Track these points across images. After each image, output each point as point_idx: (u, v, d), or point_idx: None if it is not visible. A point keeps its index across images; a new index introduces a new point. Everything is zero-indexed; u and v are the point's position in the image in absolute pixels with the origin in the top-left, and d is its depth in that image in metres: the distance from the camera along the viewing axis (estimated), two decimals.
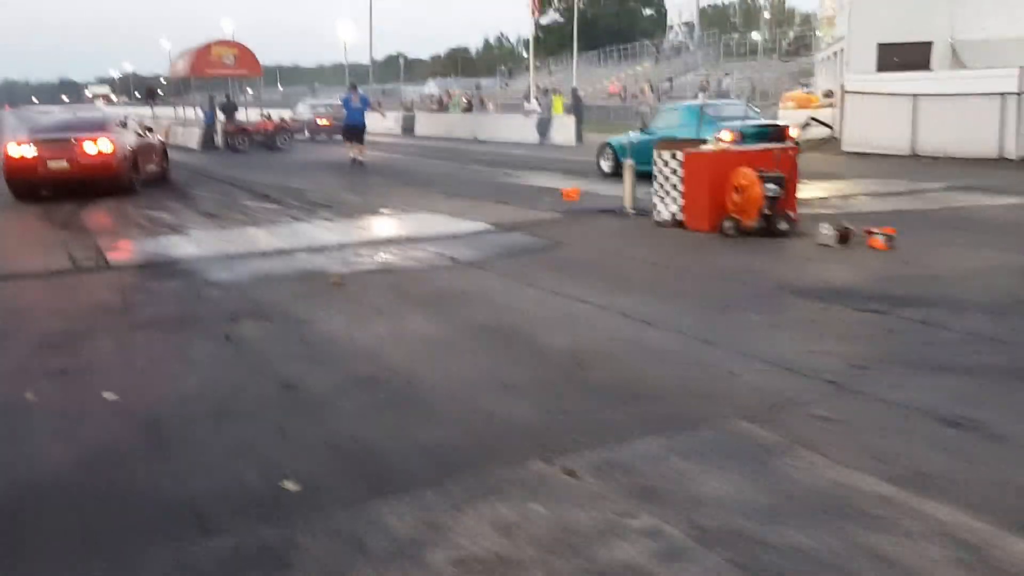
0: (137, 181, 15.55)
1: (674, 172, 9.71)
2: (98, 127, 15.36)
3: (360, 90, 24.82)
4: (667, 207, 9.85)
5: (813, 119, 8.83)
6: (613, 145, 16.27)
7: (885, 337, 5.51)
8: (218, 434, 4.24)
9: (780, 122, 14.93)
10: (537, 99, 34.47)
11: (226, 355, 5.49)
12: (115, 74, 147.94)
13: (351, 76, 44.00)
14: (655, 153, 9.95)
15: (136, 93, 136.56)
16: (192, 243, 9.86)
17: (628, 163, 10.80)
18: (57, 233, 11.07)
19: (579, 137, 29.71)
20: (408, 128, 41.67)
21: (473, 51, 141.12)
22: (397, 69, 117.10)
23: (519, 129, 32.59)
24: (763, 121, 13.81)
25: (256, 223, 11.32)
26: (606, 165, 16.42)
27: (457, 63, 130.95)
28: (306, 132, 35.07)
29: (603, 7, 77.00)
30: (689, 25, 66.59)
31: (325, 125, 35.44)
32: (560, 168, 18.83)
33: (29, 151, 14.50)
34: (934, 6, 21.90)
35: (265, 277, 7.87)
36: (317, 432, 4.20)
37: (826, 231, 8.20)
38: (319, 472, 3.75)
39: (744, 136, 12.67)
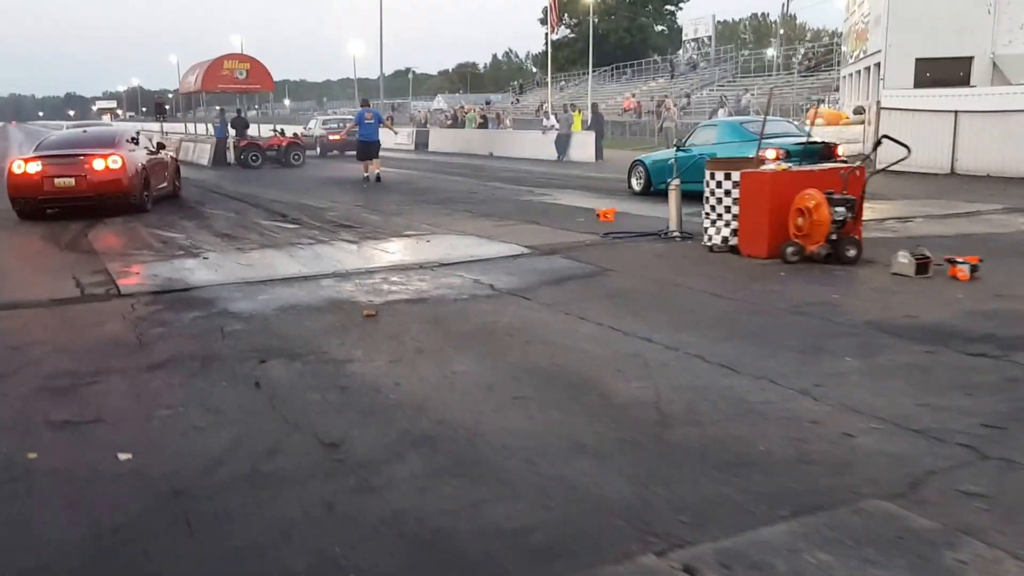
0: (148, 199, 14.94)
1: (727, 193, 9.04)
2: (108, 143, 14.76)
3: (372, 106, 24.44)
4: (719, 231, 9.18)
5: (886, 137, 8.11)
6: (645, 163, 15.61)
7: (1010, 388, 4.81)
8: (254, 507, 3.57)
9: (828, 140, 14.25)
10: (555, 115, 33.88)
11: (257, 405, 4.81)
12: (122, 89, 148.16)
13: (360, 91, 43.55)
14: (706, 173, 9.27)
15: (143, 108, 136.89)
16: (209, 268, 9.21)
17: (674, 183, 10.14)
18: (63, 256, 10.44)
19: (599, 154, 29.10)
20: (422, 144, 41.17)
21: (481, 66, 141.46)
22: (405, 84, 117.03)
23: (536, 145, 32.02)
24: (809, 138, 13.10)
25: (275, 245, 10.67)
26: (637, 184, 15.75)
27: (466, 78, 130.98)
28: (317, 148, 34.54)
29: (614, 23, 76.52)
30: (701, 41, 66.21)
31: (336, 141, 34.91)
32: (585, 186, 18.18)
33: (34, 168, 13.89)
34: (975, 20, 21.26)
35: (291, 308, 7.20)
36: (373, 507, 3.52)
37: (904, 259, 7.50)
38: (384, 567, 3.06)
39: (789, 154, 11.99)
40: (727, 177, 8.98)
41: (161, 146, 16.72)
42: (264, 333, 6.39)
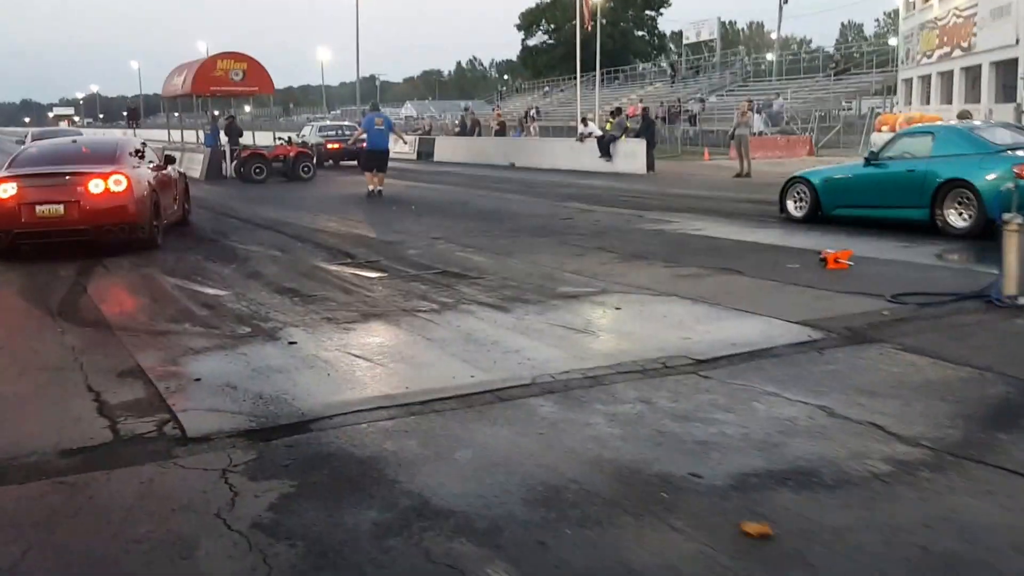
0: (158, 231, 11.21)
1: None
2: (107, 158, 11.02)
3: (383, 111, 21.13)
4: None
5: None
6: (812, 181, 12.10)
7: None
8: None
9: None
10: (594, 121, 30.52)
11: None
12: (80, 95, 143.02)
13: (328, 98, 39.75)
14: None
15: (101, 115, 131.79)
16: (312, 367, 5.56)
17: (1014, 217, 6.62)
18: (58, 333, 6.73)
19: (651, 165, 25.65)
20: (425, 152, 37.58)
21: (446, 73, 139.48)
22: (372, 91, 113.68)
23: (571, 155, 28.62)
24: None
25: (384, 313, 7.04)
26: (797, 208, 12.26)
27: (432, 86, 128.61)
28: (314, 159, 30.74)
29: (595, 28, 72.96)
30: (707, 45, 63.07)
31: (335, 150, 31.28)
32: (692, 207, 14.66)
33: (9, 190, 10.14)
34: None
35: (541, 487, 3.60)
36: None
37: None
38: None
39: None
40: None
41: (169, 160, 12.96)
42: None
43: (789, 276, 8.27)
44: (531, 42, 79.36)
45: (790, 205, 12.34)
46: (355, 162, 31.00)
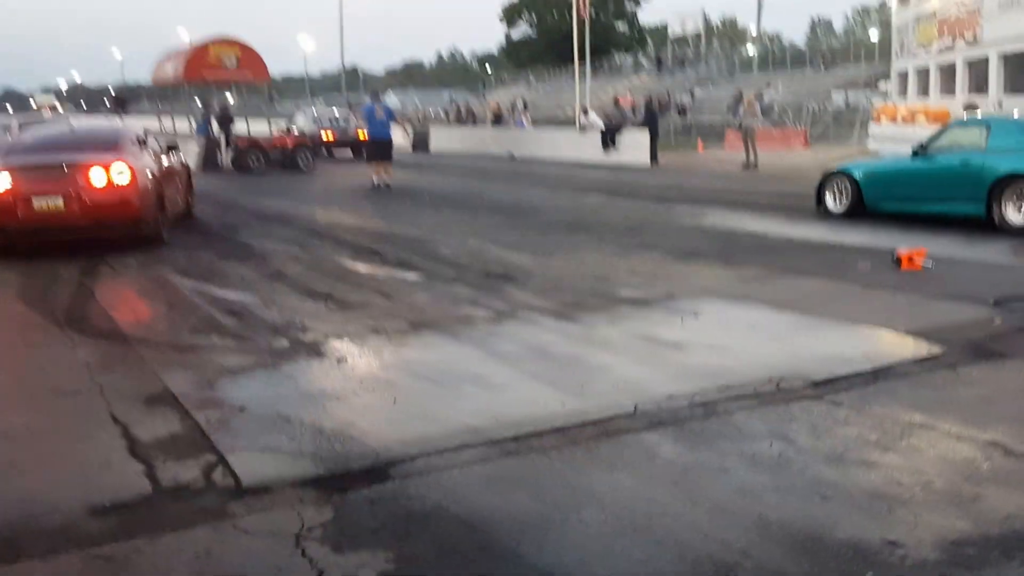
0: (165, 227, 10.40)
1: None
2: (108, 146, 10.17)
3: (384, 100, 20.38)
4: None
5: None
6: (854, 174, 11.38)
7: None
8: None
9: None
10: (594, 111, 29.74)
11: None
12: (62, 83, 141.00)
13: (312, 88, 38.70)
14: None
15: (83, 103, 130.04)
16: (371, 391, 4.81)
17: None
18: (68, 347, 5.94)
19: (654, 156, 24.93)
20: (420, 143, 36.61)
21: (427, 65, 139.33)
22: (354, 82, 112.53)
23: (568, 146, 27.88)
24: None
25: (433, 323, 6.27)
26: (836, 203, 11.54)
27: (413, 77, 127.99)
28: (312, 149, 29.86)
29: (581, 20, 72.25)
30: (694, 38, 62.29)
31: (330, 140, 30.40)
32: (719, 200, 13.93)
33: (2, 183, 9.29)
34: None
35: (709, 571, 2.87)
36: None
37: None
38: None
39: None
40: None
41: (172, 148, 12.09)
42: None
43: (865, 278, 7.57)
44: (514, 34, 78.55)
45: (829, 199, 11.61)
46: (350, 151, 30.37)
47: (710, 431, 4.10)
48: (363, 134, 28.77)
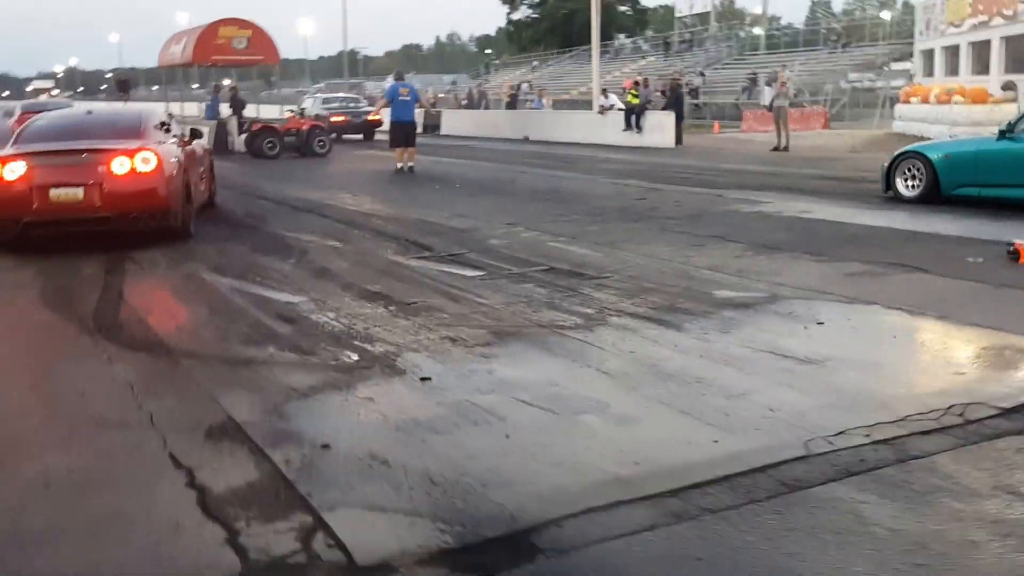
0: (191, 219, 9.61)
1: None
2: (130, 132, 9.37)
3: (408, 80, 19.55)
4: None
5: None
6: (929, 157, 10.57)
7: None
8: None
9: None
10: (613, 93, 28.90)
11: None
12: (59, 69, 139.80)
13: (312, 71, 37.74)
14: None
15: (80, 88, 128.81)
16: (475, 424, 4.05)
17: None
18: (99, 357, 5.19)
19: (679, 139, 24.17)
20: (431, 126, 35.73)
21: (426, 48, 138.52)
22: (353, 64, 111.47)
23: (586, 129, 27.09)
24: None
25: (518, 331, 5.51)
26: (907, 187, 10.75)
27: (413, 60, 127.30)
28: (329, 133, 29.03)
29: (579, 2, 70.60)
30: (702, 17, 61.01)
31: (340, 123, 29.55)
32: (770, 185, 13.13)
33: (17, 170, 8.51)
34: None
35: None
36: None
37: None
38: None
39: None
40: None
41: (196, 134, 11.28)
42: None
43: (984, 274, 6.79)
44: (515, 16, 77.38)
45: (899, 183, 10.80)
46: (361, 136, 29.51)
47: (917, 483, 3.33)
48: (375, 117, 28.23)
